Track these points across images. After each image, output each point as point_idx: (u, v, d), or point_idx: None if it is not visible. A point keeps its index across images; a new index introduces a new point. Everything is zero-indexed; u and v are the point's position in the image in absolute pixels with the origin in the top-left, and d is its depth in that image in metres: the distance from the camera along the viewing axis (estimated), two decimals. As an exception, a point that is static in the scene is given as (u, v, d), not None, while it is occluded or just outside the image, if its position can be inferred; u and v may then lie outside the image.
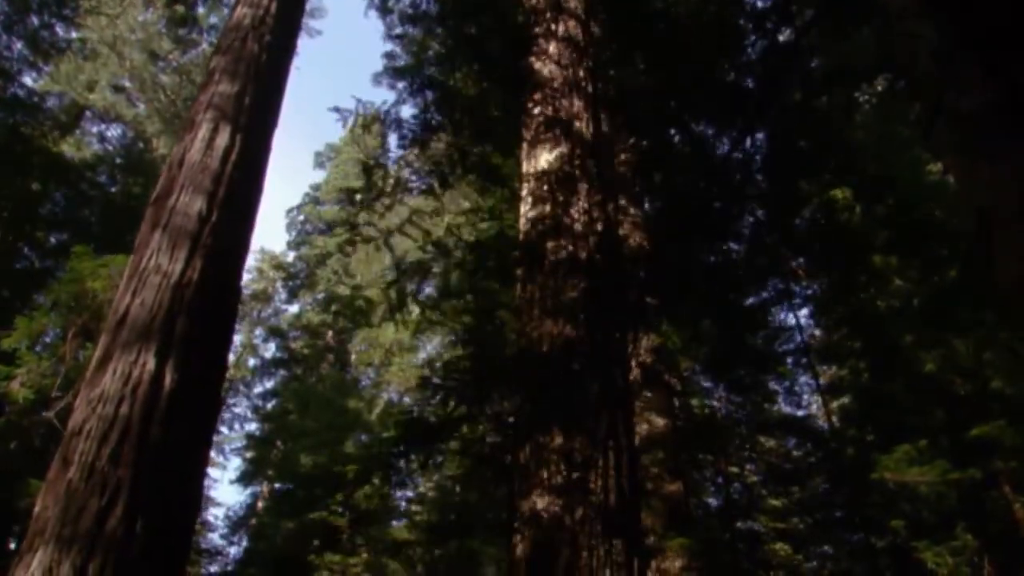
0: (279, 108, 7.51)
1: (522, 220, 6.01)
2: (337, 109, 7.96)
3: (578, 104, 6.50)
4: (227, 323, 5.97)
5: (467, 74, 8.36)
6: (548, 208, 5.72)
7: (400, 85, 8.52)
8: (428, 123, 8.81)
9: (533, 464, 4.62)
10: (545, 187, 5.82)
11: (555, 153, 6.05)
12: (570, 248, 5.45)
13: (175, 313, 5.35)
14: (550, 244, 5.51)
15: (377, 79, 8.72)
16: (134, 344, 5.12)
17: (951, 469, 7.90)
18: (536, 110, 6.46)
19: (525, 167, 6.26)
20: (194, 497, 5.20)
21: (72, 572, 4.18)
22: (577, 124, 6.30)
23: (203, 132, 6.50)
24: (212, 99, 6.77)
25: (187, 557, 5.04)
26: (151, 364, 5.03)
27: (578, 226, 5.60)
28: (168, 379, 5.05)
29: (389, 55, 8.50)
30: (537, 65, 6.88)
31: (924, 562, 8.61)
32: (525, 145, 6.43)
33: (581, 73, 6.88)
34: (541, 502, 4.45)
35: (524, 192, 6.08)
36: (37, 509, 4.59)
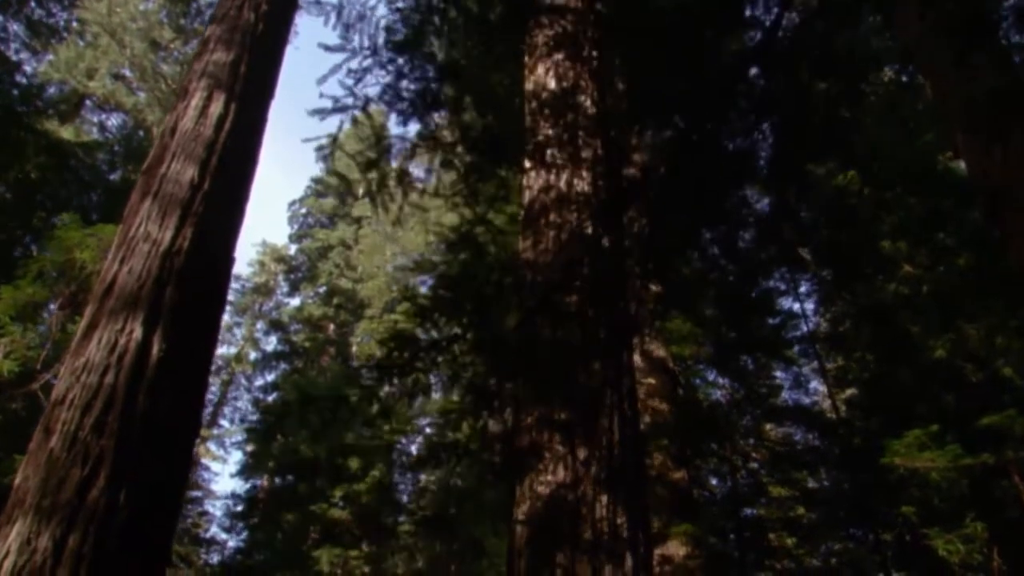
0: (276, 79, 7.34)
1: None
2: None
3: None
4: (219, 292, 5.79)
5: (470, 46, 8.16)
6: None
7: (400, 60, 8.30)
8: (428, 100, 8.62)
9: (535, 435, 4.45)
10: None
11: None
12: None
13: (164, 281, 5.18)
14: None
15: (377, 54, 8.50)
16: (121, 312, 4.94)
17: (963, 454, 7.71)
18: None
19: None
20: (182, 469, 5.01)
21: (51, 544, 4.00)
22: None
23: (196, 100, 6.32)
24: (206, 67, 6.59)
25: (173, 531, 4.85)
26: (138, 333, 4.85)
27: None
28: (155, 348, 4.87)
29: (389, 29, 8.26)
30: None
31: (935, 549, 8.43)
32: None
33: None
34: (543, 475, 4.27)
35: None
36: (18, 480, 4.41)
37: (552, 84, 6.27)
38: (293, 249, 36.73)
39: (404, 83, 8.56)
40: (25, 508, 4.15)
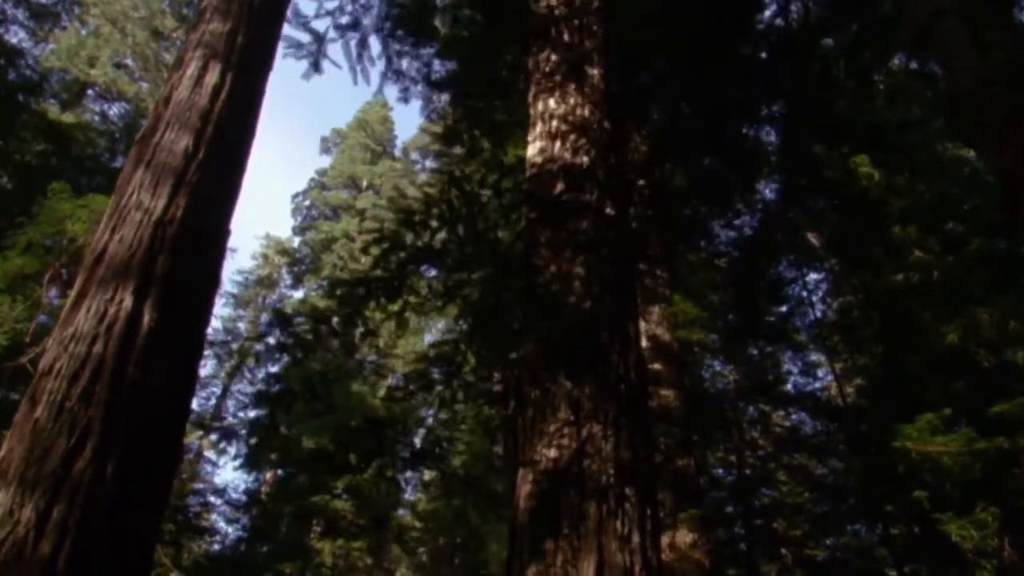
0: (274, 50, 7.16)
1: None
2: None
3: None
4: (213, 263, 5.62)
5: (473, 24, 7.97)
6: None
7: (400, 34, 8.12)
8: (431, 78, 8.47)
9: (537, 409, 4.29)
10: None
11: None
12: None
13: (156, 251, 5.01)
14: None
15: (378, 28, 8.32)
16: (111, 282, 4.79)
17: (977, 438, 7.53)
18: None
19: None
20: (173, 442, 4.85)
21: (34, 515, 3.84)
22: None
23: (192, 70, 6.16)
24: (202, 37, 6.42)
25: (163, 505, 4.69)
26: (128, 302, 4.69)
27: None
28: (146, 318, 4.71)
29: (391, 2, 8.08)
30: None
31: (947, 536, 8.26)
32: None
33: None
34: (546, 448, 4.12)
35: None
36: (2, 451, 4.26)
37: (557, 55, 6.11)
38: (296, 241, 36.65)
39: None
40: (8, 479, 4.00)
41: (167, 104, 5.92)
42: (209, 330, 5.85)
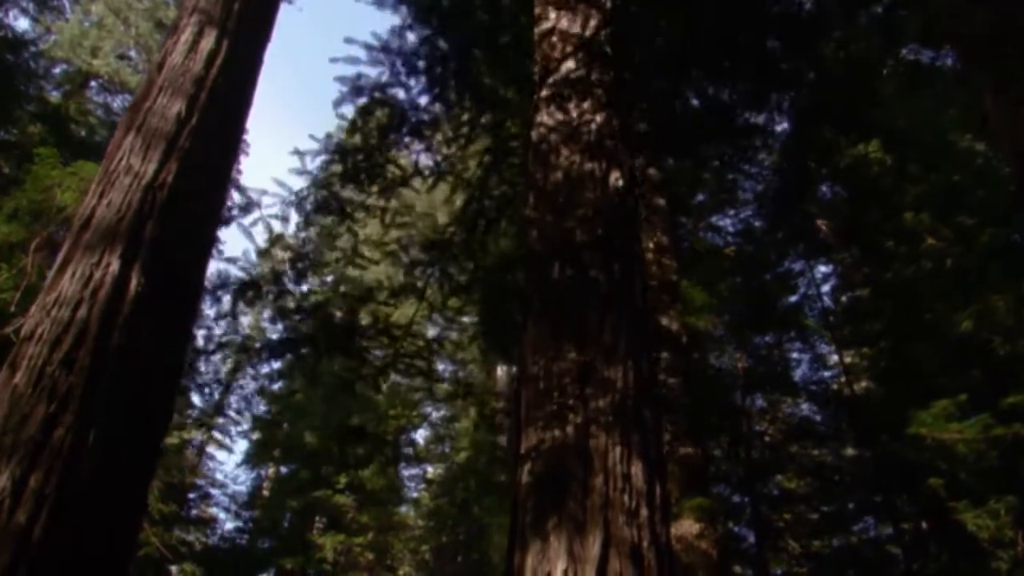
0: (272, 20, 6.97)
1: None
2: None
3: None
4: (206, 229, 5.42)
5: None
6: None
7: (403, 9, 7.91)
8: (434, 54, 8.25)
9: (540, 382, 4.08)
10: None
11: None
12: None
13: (145, 215, 4.82)
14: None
15: (380, 1, 8.13)
16: (97, 246, 4.59)
17: (993, 424, 7.30)
18: None
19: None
20: (161, 411, 4.64)
21: (11, 483, 3.64)
22: None
23: (186, 36, 5.97)
24: (198, 3, 6.24)
25: (149, 478, 4.49)
26: (115, 266, 4.49)
27: None
28: (134, 283, 4.51)
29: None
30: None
31: (962, 526, 8.03)
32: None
33: None
34: (549, 423, 3.92)
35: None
36: (-20, 419, 4.06)
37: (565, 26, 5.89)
38: (300, 237, 36.44)
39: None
40: (-16, 446, 3.80)
41: (160, 70, 5.74)
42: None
